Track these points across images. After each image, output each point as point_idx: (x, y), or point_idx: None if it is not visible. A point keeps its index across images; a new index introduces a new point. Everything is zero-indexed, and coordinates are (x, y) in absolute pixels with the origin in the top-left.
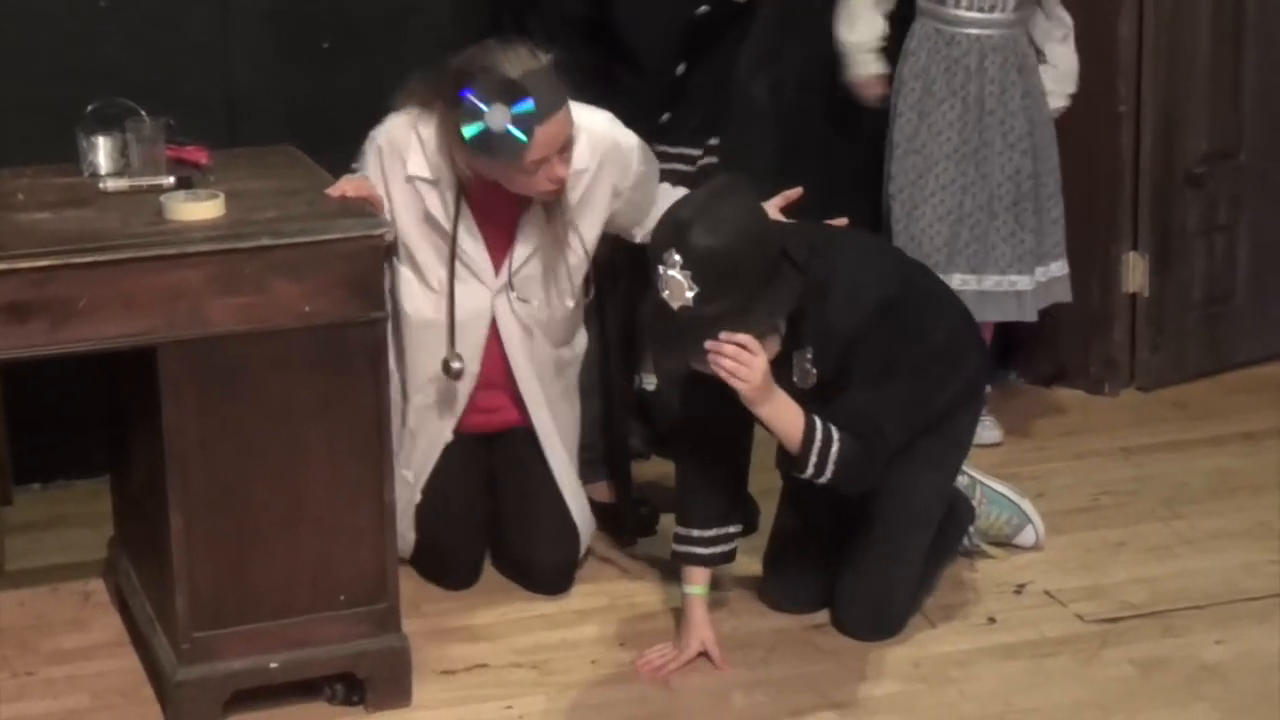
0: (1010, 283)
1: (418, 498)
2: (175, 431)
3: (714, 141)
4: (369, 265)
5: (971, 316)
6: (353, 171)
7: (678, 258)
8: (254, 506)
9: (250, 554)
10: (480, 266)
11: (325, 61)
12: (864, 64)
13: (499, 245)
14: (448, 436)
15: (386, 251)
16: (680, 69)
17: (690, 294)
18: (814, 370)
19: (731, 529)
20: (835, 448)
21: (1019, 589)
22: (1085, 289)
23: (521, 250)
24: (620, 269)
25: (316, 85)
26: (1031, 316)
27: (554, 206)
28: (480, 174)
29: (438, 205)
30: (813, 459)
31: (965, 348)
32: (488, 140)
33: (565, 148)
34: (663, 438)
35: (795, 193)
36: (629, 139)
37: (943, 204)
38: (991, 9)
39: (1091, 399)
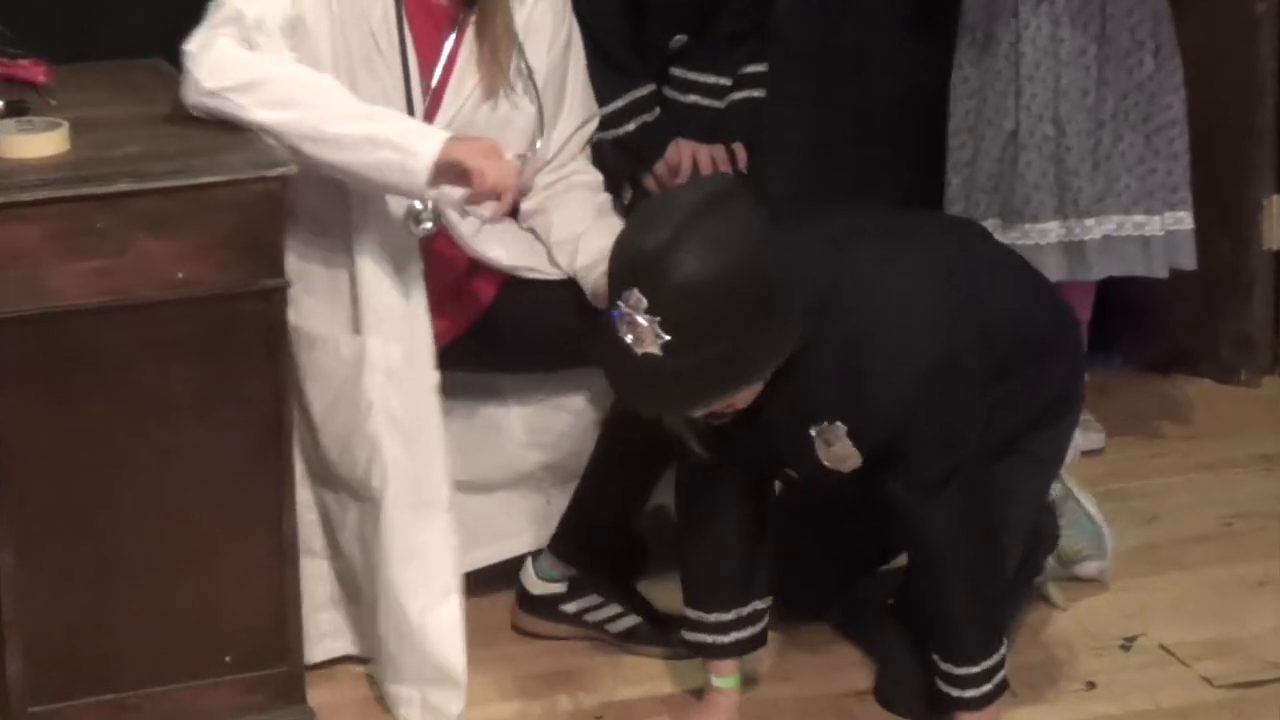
0: (1136, 224)
1: None
2: (7, 437)
3: (755, 69)
4: (264, 217)
5: (1052, 300)
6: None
7: (642, 299)
8: (112, 536)
9: (107, 600)
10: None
11: None
12: None
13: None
14: (434, 378)
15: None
16: None
17: (658, 343)
18: (855, 451)
19: (759, 604)
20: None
21: (1127, 643)
22: (1212, 246)
23: (453, 99)
24: None
25: None
26: (1162, 271)
27: (493, 38)
28: None
29: (379, 15)
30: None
31: (1048, 349)
32: None
33: None
34: None
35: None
36: None
37: (1069, 129)
38: None
39: (1221, 390)
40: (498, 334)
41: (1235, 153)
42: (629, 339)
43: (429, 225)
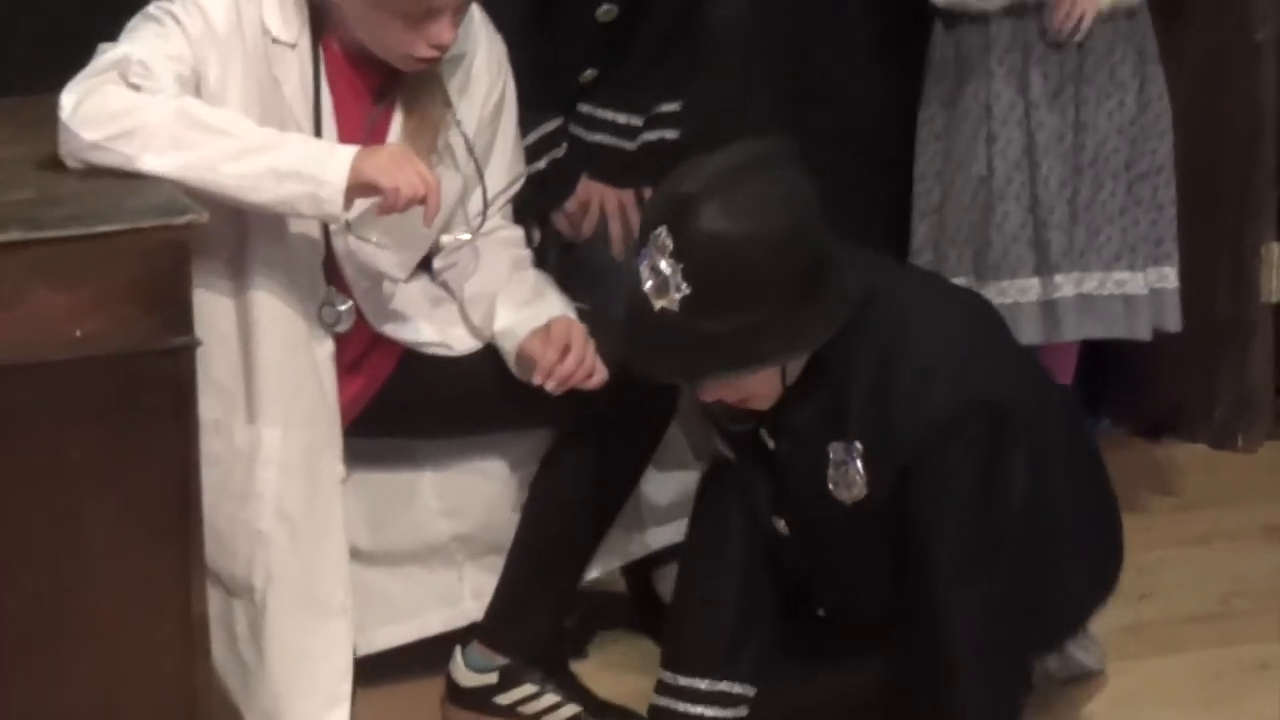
0: (1117, 282)
1: None
2: None
3: (670, 108)
4: (170, 269)
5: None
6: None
7: (669, 242)
8: (3, 616)
9: None
10: None
11: None
12: None
13: None
14: (338, 472)
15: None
16: (605, 9)
17: (677, 296)
18: (863, 478)
19: (738, 688)
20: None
21: None
22: (1208, 298)
23: None
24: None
25: (89, 4)
26: (1145, 334)
27: (422, 111)
28: (345, 24)
29: (295, 81)
30: None
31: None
32: None
33: (460, 9)
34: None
35: None
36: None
37: (1045, 175)
38: None
39: (1218, 456)
40: (403, 400)
41: (1233, 194)
42: (649, 285)
43: (342, 328)
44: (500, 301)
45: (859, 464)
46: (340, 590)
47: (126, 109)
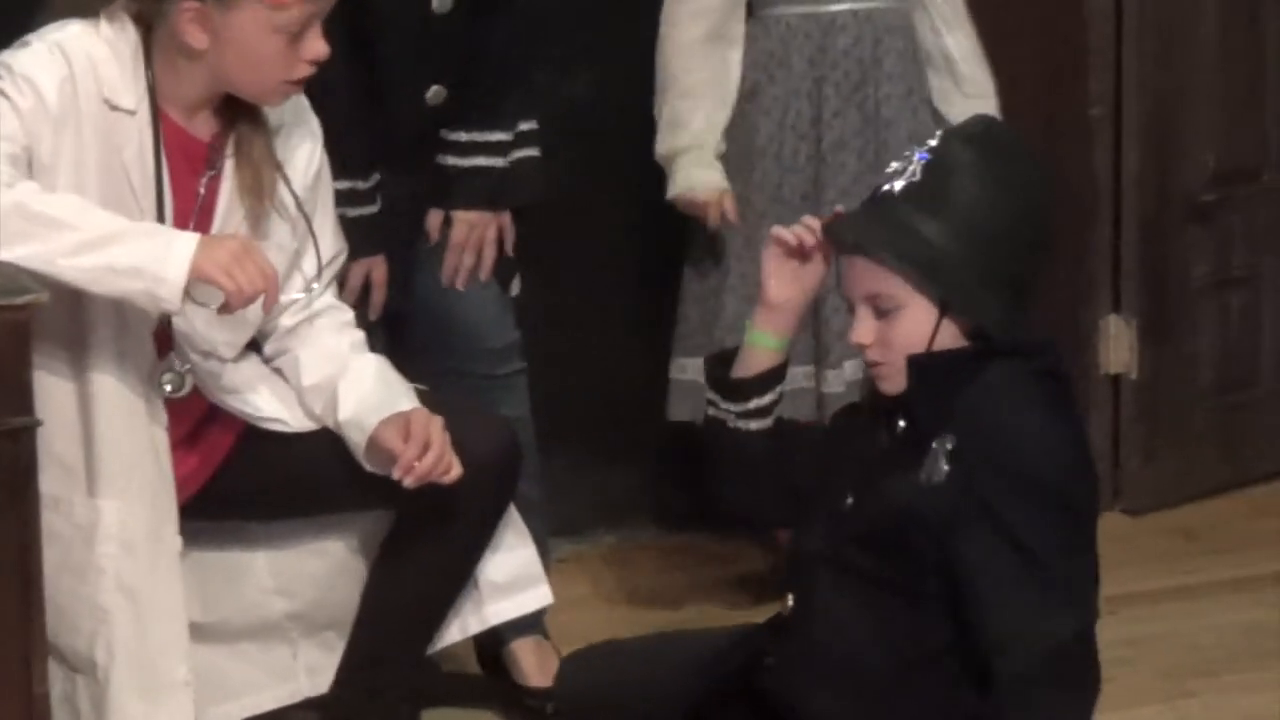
0: None
1: None
2: None
3: (530, 126)
4: (9, 349)
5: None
6: None
7: (933, 142)
8: None
9: None
10: None
11: None
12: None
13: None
14: (176, 545)
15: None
16: (439, 2)
17: (906, 182)
18: (946, 467)
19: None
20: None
21: None
22: None
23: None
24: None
25: None
26: None
27: (254, 165)
28: (195, 80)
29: (134, 148)
30: None
31: None
32: None
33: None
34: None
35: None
36: None
37: None
38: None
39: None
40: (241, 481)
41: (1070, 268)
42: (894, 166)
43: (184, 392)
44: (343, 390)
45: (946, 458)
46: (182, 665)
47: None
